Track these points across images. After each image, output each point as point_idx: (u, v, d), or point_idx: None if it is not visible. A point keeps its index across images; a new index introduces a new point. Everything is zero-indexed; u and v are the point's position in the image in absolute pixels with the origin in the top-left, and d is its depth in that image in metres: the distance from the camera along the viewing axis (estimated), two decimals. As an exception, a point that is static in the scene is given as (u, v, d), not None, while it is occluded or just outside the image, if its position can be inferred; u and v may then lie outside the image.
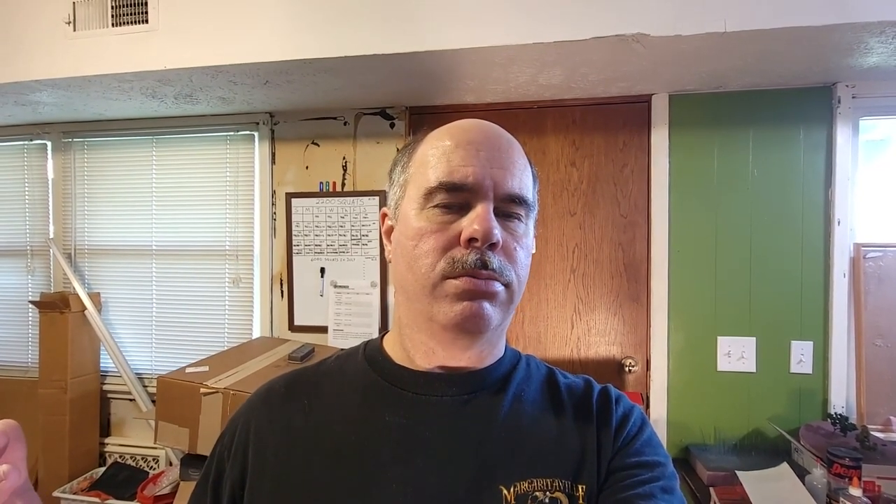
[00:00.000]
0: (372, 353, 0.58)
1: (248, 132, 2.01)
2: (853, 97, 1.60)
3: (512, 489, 0.47)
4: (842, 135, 1.61)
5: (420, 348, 0.53)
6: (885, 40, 1.27)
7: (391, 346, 0.57)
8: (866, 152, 1.66)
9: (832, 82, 1.61)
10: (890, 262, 1.60)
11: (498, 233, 0.47)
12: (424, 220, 0.50)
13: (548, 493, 0.47)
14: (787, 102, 1.65)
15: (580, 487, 0.48)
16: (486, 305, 0.48)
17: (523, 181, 0.52)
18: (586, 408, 0.54)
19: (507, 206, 0.50)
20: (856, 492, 1.18)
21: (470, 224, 0.47)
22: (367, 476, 0.48)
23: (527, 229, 0.53)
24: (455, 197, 0.49)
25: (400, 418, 0.51)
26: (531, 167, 0.55)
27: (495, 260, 0.48)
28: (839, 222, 1.61)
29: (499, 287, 0.49)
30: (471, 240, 0.47)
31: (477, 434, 0.50)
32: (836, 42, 1.29)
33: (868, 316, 1.60)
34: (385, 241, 0.58)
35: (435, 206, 0.49)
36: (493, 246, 0.48)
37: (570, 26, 1.28)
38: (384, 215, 0.59)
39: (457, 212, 0.49)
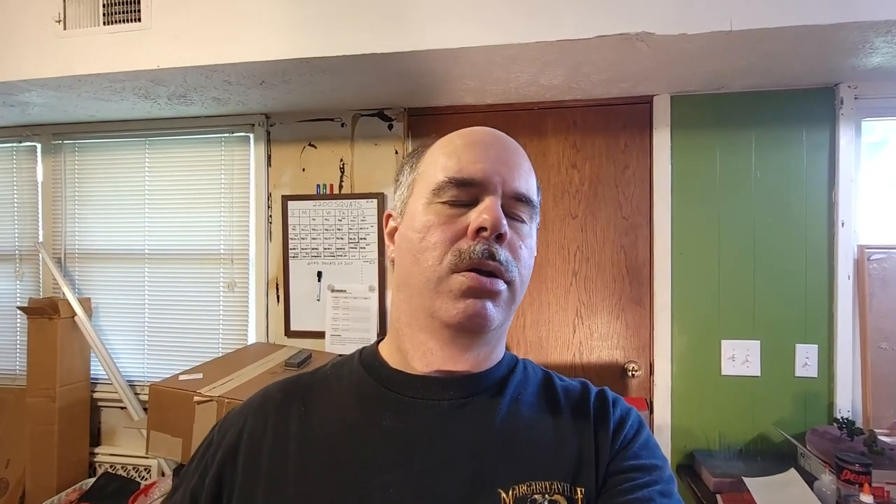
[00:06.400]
0: (368, 358, 0.58)
1: (243, 134, 1.97)
2: (855, 98, 1.59)
3: (510, 492, 0.46)
4: (844, 136, 1.60)
5: (419, 349, 0.52)
6: (890, 40, 1.26)
7: (387, 351, 0.57)
8: (866, 154, 1.65)
9: (834, 83, 1.60)
10: (894, 263, 1.59)
11: (506, 224, 0.49)
12: (432, 213, 0.51)
13: (546, 495, 0.47)
14: (789, 103, 1.64)
15: (579, 490, 0.48)
16: (489, 305, 0.49)
17: (529, 183, 0.53)
18: (584, 410, 0.54)
19: (513, 206, 0.51)
20: (867, 498, 1.16)
21: (479, 215, 0.49)
22: (363, 481, 0.47)
23: (530, 231, 0.54)
24: (464, 193, 0.50)
25: (396, 422, 0.50)
26: (535, 177, 0.57)
27: (502, 252, 0.49)
28: (843, 224, 1.59)
29: (502, 286, 0.49)
30: (479, 230, 0.48)
31: (474, 437, 0.50)
32: (841, 41, 1.28)
33: (873, 318, 1.58)
34: (388, 242, 0.58)
35: (443, 202, 0.50)
36: (500, 238, 0.49)
37: (573, 25, 1.26)
38: (388, 217, 0.59)
39: (464, 208, 0.50)
